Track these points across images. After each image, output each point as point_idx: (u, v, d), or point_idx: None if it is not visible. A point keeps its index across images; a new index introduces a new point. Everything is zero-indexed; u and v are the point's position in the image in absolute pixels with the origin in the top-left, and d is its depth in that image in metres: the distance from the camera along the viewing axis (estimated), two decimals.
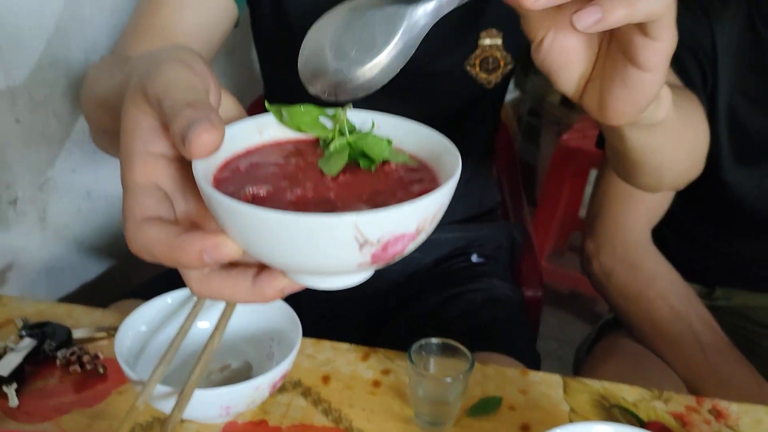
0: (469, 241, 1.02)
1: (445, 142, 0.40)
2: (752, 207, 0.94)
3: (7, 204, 0.85)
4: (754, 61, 0.88)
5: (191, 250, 0.34)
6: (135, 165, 0.37)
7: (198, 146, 0.33)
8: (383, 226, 0.32)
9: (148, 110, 0.37)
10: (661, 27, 0.39)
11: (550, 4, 0.36)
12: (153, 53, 0.41)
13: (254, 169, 0.39)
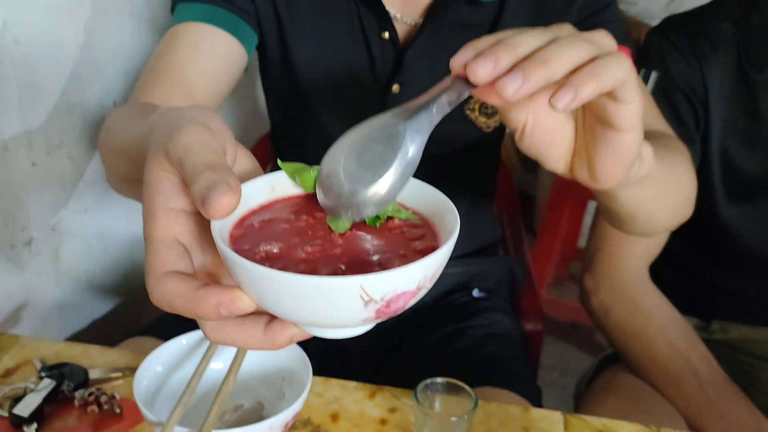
0: (470, 275, 1.04)
1: (445, 201, 0.42)
2: (745, 243, 0.96)
3: (23, 245, 0.87)
4: (745, 103, 0.92)
5: (209, 304, 0.36)
6: (156, 221, 0.39)
7: (217, 209, 0.35)
8: (386, 286, 0.35)
9: (170, 169, 0.40)
10: (627, 90, 0.43)
11: (529, 92, 0.39)
12: (173, 111, 0.44)
13: (267, 225, 0.42)
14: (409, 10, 0.83)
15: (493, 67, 0.40)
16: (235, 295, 0.37)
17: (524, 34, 0.41)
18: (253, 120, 1.50)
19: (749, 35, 0.91)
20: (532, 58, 0.40)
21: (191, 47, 0.78)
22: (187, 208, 0.40)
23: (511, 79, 0.39)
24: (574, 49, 0.40)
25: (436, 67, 0.84)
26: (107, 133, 0.72)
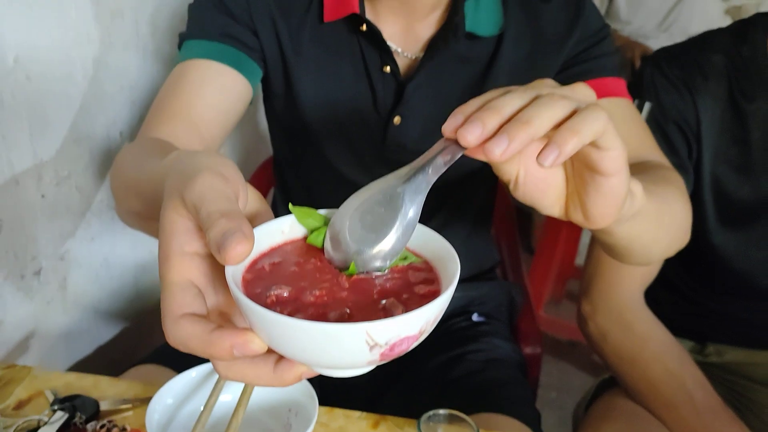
0: (469, 299, 1.06)
1: (447, 246, 0.45)
2: (738, 268, 0.98)
3: (32, 275, 0.89)
4: (736, 132, 0.94)
5: (223, 346, 0.38)
6: (172, 264, 0.41)
7: (233, 256, 0.38)
8: (390, 332, 0.37)
9: (185, 214, 0.42)
10: (608, 139, 0.45)
11: (514, 152, 0.42)
12: (188, 157, 0.47)
13: (277, 268, 0.44)
14: (410, 44, 0.85)
15: (481, 131, 0.43)
16: (247, 338, 0.38)
17: (508, 96, 0.44)
18: (255, 144, 1.52)
19: (740, 67, 0.93)
20: (516, 120, 0.43)
21: (198, 84, 0.80)
22: (201, 251, 0.42)
23: (498, 141, 0.42)
24: (553, 108, 0.43)
25: (437, 99, 0.87)
26: (119, 170, 0.74)
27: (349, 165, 0.92)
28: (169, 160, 0.52)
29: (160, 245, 0.43)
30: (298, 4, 0.85)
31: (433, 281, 0.44)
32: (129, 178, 0.68)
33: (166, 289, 0.41)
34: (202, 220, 0.40)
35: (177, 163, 0.48)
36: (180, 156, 0.50)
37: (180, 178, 0.44)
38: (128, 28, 1.00)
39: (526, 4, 0.85)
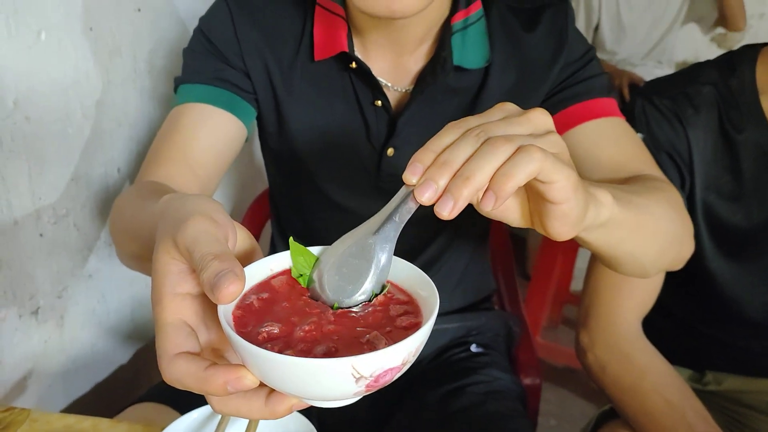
0: (467, 329, 1.06)
1: (426, 279, 0.48)
2: (733, 295, 0.99)
3: (29, 314, 0.89)
4: (727, 162, 0.96)
5: (217, 383, 0.41)
6: (165, 305, 0.43)
7: (225, 295, 0.40)
8: (375, 365, 0.40)
9: (177, 256, 0.44)
10: (548, 174, 0.48)
11: (460, 209, 0.46)
12: (179, 201, 0.49)
13: (267, 305, 0.47)
14: (399, 78, 0.87)
15: (434, 191, 0.47)
16: (240, 374, 0.41)
17: (460, 145, 0.47)
18: (251, 178, 1.53)
19: (728, 98, 0.95)
20: (459, 176, 0.46)
21: (192, 127, 0.83)
22: (193, 291, 0.45)
23: (444, 204, 0.46)
24: (495, 156, 0.46)
25: (428, 129, 0.88)
26: (118, 214, 0.75)
27: (345, 196, 0.93)
28: (161, 204, 0.54)
29: (153, 287, 0.45)
30: (288, 45, 0.87)
31: (414, 312, 0.47)
32: (126, 222, 0.70)
33: (160, 330, 0.43)
34: (195, 262, 0.42)
35: (168, 207, 0.51)
36: (171, 200, 0.52)
37: (171, 222, 0.46)
38: (126, 66, 1.01)
39: (511, 35, 0.87)
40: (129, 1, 1.00)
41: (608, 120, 0.85)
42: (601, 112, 0.85)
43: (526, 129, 0.49)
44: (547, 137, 0.49)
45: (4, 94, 0.78)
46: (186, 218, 0.45)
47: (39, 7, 0.81)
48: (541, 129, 0.50)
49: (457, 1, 0.84)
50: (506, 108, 0.51)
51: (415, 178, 0.47)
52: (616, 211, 0.60)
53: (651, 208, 0.71)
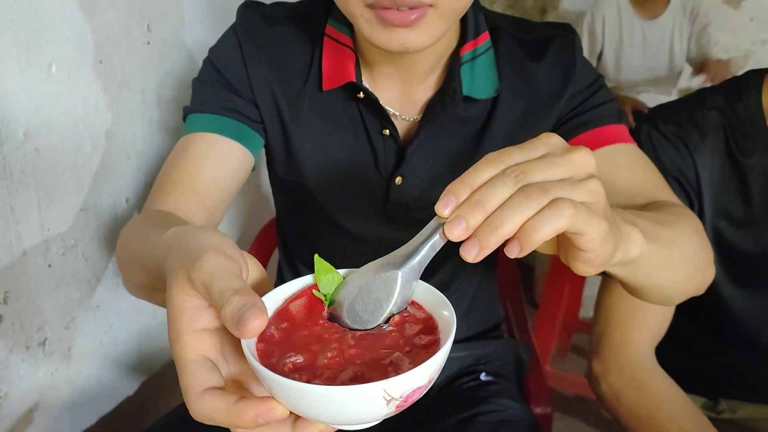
0: (476, 358, 1.05)
1: (440, 296, 0.50)
2: (747, 322, 0.98)
3: (37, 346, 0.88)
4: (736, 187, 0.95)
5: (248, 416, 0.41)
6: (185, 342, 0.44)
7: (251, 330, 0.41)
8: (404, 386, 0.41)
9: (192, 293, 0.45)
10: (577, 227, 0.48)
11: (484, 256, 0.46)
12: (189, 235, 0.50)
13: (287, 335, 0.47)
14: (407, 108, 0.88)
15: (464, 229, 0.46)
16: (271, 406, 0.42)
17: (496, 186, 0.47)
18: (258, 206, 1.53)
19: (735, 123, 0.95)
20: (488, 224, 0.46)
21: (200, 156, 0.84)
22: (210, 326, 0.45)
23: (470, 248, 0.46)
24: (528, 208, 0.46)
25: (436, 158, 0.88)
26: (125, 243, 0.76)
27: (352, 225, 0.93)
28: (168, 237, 0.54)
29: (171, 325, 0.45)
30: (297, 76, 0.88)
31: (430, 329, 0.48)
32: (133, 252, 0.70)
33: (183, 367, 0.44)
34: (215, 297, 0.43)
35: (178, 241, 0.51)
36: (179, 234, 0.52)
37: (183, 258, 0.46)
38: (135, 98, 1.02)
39: (518, 66, 0.87)
40: (138, 35, 1.01)
41: (621, 146, 0.85)
42: (613, 139, 0.85)
43: (566, 171, 0.48)
44: (585, 184, 0.48)
45: (14, 126, 0.79)
46: (199, 254, 0.45)
47: (50, 42, 0.82)
48: (582, 173, 0.49)
49: (465, 33, 0.85)
50: (551, 142, 0.50)
51: (446, 211, 0.47)
52: (645, 249, 0.60)
53: (678, 240, 0.71)
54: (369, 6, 0.70)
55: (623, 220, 0.59)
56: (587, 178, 0.49)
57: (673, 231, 0.71)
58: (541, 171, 0.47)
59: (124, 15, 0.97)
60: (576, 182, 0.48)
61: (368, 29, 0.73)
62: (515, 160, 0.48)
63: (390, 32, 0.71)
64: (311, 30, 0.88)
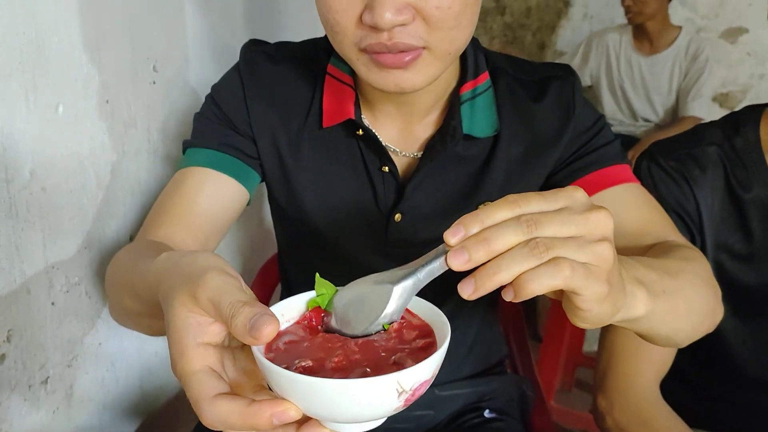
0: (480, 395, 1.05)
1: (436, 309, 0.53)
2: (749, 357, 0.98)
3: (39, 384, 0.88)
4: (737, 221, 0.96)
5: (264, 416, 0.43)
6: (191, 356, 0.46)
7: (265, 335, 0.43)
8: (415, 377, 0.44)
9: (196, 310, 0.47)
10: (575, 287, 0.49)
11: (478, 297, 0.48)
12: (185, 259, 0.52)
13: (292, 346, 0.50)
14: (408, 145, 0.89)
15: (466, 261, 0.48)
16: (285, 407, 0.44)
17: (508, 229, 0.48)
18: (260, 241, 1.54)
19: (734, 158, 0.96)
20: (487, 270, 0.48)
21: (195, 191, 0.85)
22: (212, 341, 0.48)
23: (467, 286, 0.48)
24: (528, 261, 0.47)
25: (436, 196, 0.89)
26: (114, 270, 0.77)
27: (352, 261, 0.93)
28: (160, 261, 0.56)
29: (173, 341, 0.47)
30: (297, 114, 0.89)
31: (426, 333, 0.52)
32: (123, 278, 0.71)
33: (191, 379, 0.46)
34: (224, 310, 0.45)
35: (172, 265, 0.54)
36: (172, 258, 0.55)
37: (184, 278, 0.49)
38: (140, 136, 1.03)
39: (519, 105, 0.89)
40: (145, 75, 1.03)
41: (626, 186, 0.86)
42: (617, 179, 0.86)
43: (579, 230, 0.49)
44: (593, 246, 0.49)
45: (20, 165, 0.80)
46: (202, 273, 0.48)
47: (57, 83, 0.84)
48: (596, 234, 0.49)
49: (465, 72, 0.86)
50: (575, 196, 0.51)
51: (454, 240, 0.48)
52: (650, 307, 0.60)
53: (685, 290, 0.70)
54: (363, 50, 0.72)
55: (631, 278, 0.58)
56: (599, 240, 0.49)
57: (680, 280, 0.70)
58: (554, 226, 0.48)
59: (130, 56, 0.98)
60: (586, 242, 0.48)
61: (364, 71, 0.74)
62: (533, 208, 0.49)
63: (386, 73, 0.72)
64: (313, 69, 0.90)
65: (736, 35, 3.06)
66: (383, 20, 0.66)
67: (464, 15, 0.71)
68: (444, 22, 0.70)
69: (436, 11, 0.68)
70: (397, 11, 0.67)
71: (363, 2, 0.69)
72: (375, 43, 0.69)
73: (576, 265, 0.47)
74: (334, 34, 0.73)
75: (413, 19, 0.69)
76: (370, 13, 0.67)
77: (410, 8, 0.68)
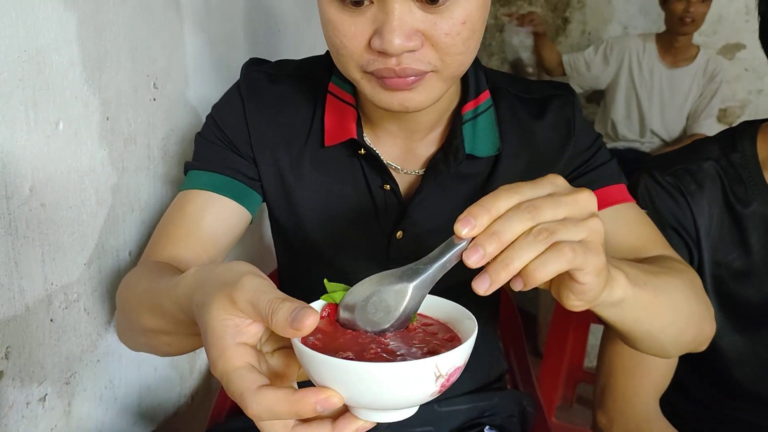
0: (480, 411, 1.04)
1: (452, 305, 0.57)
2: (749, 373, 0.97)
3: (37, 401, 0.88)
4: (735, 236, 0.96)
5: (309, 403, 0.46)
6: (230, 355, 0.49)
7: (306, 326, 0.46)
8: (452, 361, 0.48)
9: (234, 312, 0.50)
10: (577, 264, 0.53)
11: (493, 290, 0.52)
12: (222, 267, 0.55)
13: (327, 343, 0.53)
14: (410, 163, 0.89)
15: (480, 257, 0.52)
16: (328, 394, 0.47)
17: (512, 220, 0.52)
18: (261, 257, 1.54)
19: (732, 173, 0.97)
20: (500, 261, 0.52)
21: (198, 214, 0.87)
22: (249, 341, 0.51)
23: (482, 282, 0.52)
24: (535, 248, 0.51)
25: (438, 214, 0.89)
26: (129, 291, 0.77)
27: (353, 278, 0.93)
28: (190, 275, 0.60)
29: (212, 343, 0.50)
30: (299, 132, 0.90)
31: (445, 329, 0.56)
32: (143, 297, 0.72)
33: (232, 375, 0.48)
34: (263, 308, 0.48)
35: (204, 276, 0.57)
36: (202, 271, 0.58)
37: (219, 285, 0.52)
38: (141, 153, 1.03)
39: (520, 124, 0.89)
40: (145, 92, 1.03)
41: (623, 206, 0.87)
42: (615, 199, 0.87)
43: (571, 210, 0.54)
44: (586, 223, 0.54)
45: (20, 182, 0.80)
46: (238, 278, 0.51)
47: (58, 100, 0.84)
48: (585, 212, 0.55)
49: (466, 91, 0.87)
50: (557, 183, 0.56)
51: (465, 231, 0.52)
52: (629, 292, 0.63)
53: (668, 289, 0.72)
54: (369, 72, 0.72)
55: (610, 264, 0.62)
56: (590, 217, 0.54)
57: (662, 279, 0.73)
58: (550, 209, 0.53)
59: (131, 73, 0.99)
60: (579, 221, 0.53)
61: (369, 90, 0.75)
62: (527, 195, 0.53)
63: (391, 94, 0.73)
64: (314, 87, 0.91)
65: (734, 51, 3.08)
66: (392, 47, 0.67)
67: (472, 40, 0.72)
68: (453, 48, 0.70)
69: (445, 38, 0.69)
70: (407, 38, 0.67)
71: (372, 28, 0.69)
72: (384, 68, 0.70)
73: (575, 245, 0.52)
74: (339, 56, 0.74)
75: (422, 44, 0.69)
76: (380, 39, 0.68)
77: (419, 35, 0.69)
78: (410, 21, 0.67)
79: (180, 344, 0.72)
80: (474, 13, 0.69)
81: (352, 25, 0.70)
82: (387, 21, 0.67)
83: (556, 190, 0.55)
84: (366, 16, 0.69)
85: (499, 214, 0.52)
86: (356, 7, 0.69)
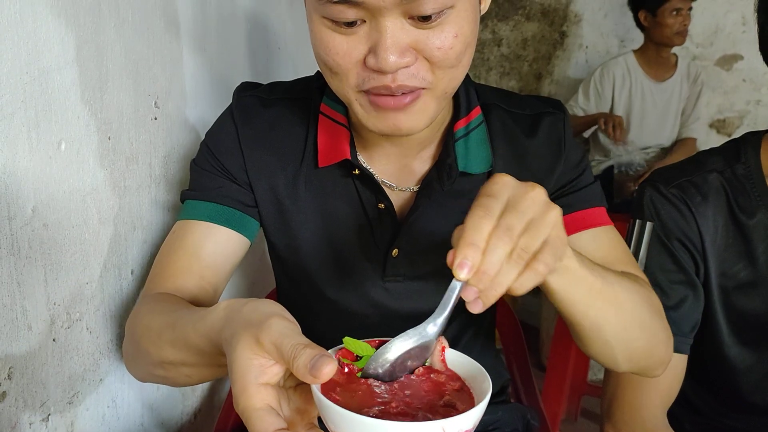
0: (484, 425, 1.04)
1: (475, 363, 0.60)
2: (755, 383, 0.97)
3: (40, 422, 0.87)
4: (741, 248, 0.96)
5: None
6: (252, 394, 0.51)
7: (325, 374, 0.49)
8: (458, 426, 0.50)
9: (259, 352, 0.52)
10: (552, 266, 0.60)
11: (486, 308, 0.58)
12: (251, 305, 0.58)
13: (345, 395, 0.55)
14: (403, 180, 0.89)
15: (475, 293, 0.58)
16: None
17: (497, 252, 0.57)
18: (260, 276, 1.54)
19: (736, 185, 0.97)
20: (489, 288, 0.57)
21: (197, 245, 0.88)
22: (271, 381, 0.53)
23: (474, 305, 0.58)
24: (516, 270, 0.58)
25: (432, 231, 0.90)
26: (145, 325, 0.78)
27: (350, 298, 0.94)
28: (221, 310, 0.62)
29: (236, 380, 0.52)
30: (293, 154, 0.90)
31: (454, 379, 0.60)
32: (161, 329, 0.73)
33: (252, 415, 0.51)
34: (286, 352, 0.51)
35: (234, 312, 0.59)
36: (233, 307, 0.60)
37: (247, 324, 0.54)
38: (142, 172, 1.04)
39: (512, 140, 0.90)
40: (146, 111, 1.04)
41: (602, 229, 0.90)
42: (596, 222, 0.89)
43: (533, 212, 0.59)
44: (545, 219, 0.59)
45: (23, 202, 0.80)
46: (265, 319, 0.53)
47: (60, 120, 0.84)
48: (541, 207, 0.60)
49: (458, 108, 0.87)
50: (509, 184, 0.61)
51: (463, 274, 0.56)
52: (575, 264, 0.67)
53: (617, 288, 0.75)
54: (364, 91, 0.73)
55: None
56: (546, 211, 0.60)
57: (614, 277, 0.76)
58: (518, 222, 0.58)
59: (132, 92, 1.00)
60: (540, 222, 0.59)
61: (362, 113, 0.75)
62: (496, 213, 0.58)
63: (384, 116, 0.73)
64: (306, 109, 0.91)
65: (731, 62, 3.09)
66: (388, 64, 0.67)
67: (465, 54, 0.72)
68: (445, 62, 0.71)
69: (437, 51, 0.69)
70: (401, 54, 0.68)
71: (366, 46, 0.70)
72: (380, 85, 0.70)
73: (544, 256, 0.58)
74: (332, 75, 0.74)
75: (416, 59, 0.70)
76: (375, 57, 0.68)
77: (412, 50, 0.69)
78: (403, 38, 0.68)
79: (201, 375, 0.73)
80: (465, 28, 0.70)
81: (345, 44, 0.70)
82: (381, 39, 0.67)
83: (512, 193, 0.60)
84: (359, 35, 0.69)
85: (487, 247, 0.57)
86: (349, 27, 0.69)
